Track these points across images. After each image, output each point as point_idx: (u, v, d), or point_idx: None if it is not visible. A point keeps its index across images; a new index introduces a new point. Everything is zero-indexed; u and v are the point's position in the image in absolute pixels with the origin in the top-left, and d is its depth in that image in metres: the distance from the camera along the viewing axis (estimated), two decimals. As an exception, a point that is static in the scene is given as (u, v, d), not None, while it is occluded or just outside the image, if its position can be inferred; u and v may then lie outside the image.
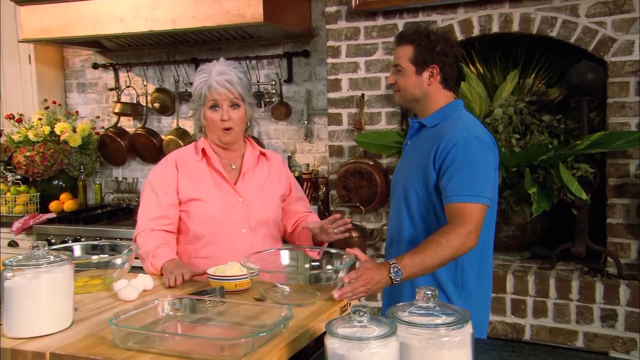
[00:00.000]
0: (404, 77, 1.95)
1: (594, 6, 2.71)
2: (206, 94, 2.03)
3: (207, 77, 2.02)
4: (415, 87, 1.94)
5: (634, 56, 2.67)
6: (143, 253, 2.00)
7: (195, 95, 2.08)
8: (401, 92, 1.98)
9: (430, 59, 1.91)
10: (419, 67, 1.92)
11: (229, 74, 2.02)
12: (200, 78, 2.04)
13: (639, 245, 2.74)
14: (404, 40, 1.94)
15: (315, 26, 3.68)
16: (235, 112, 2.05)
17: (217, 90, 2.01)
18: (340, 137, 3.26)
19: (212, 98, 2.02)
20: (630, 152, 2.70)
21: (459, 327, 1.25)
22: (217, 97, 2.02)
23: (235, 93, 2.03)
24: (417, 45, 1.91)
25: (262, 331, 1.31)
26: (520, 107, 2.86)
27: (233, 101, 2.04)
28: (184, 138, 4.01)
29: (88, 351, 1.35)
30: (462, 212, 1.77)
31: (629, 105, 2.70)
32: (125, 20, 3.54)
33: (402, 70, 1.94)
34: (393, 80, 1.99)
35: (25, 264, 1.46)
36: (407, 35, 1.95)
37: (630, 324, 2.61)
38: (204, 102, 2.04)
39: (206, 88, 2.02)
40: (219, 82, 2.01)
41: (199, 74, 2.06)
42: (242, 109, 2.06)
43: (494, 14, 2.89)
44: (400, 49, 1.95)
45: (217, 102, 2.02)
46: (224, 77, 2.01)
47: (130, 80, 4.20)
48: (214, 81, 2.01)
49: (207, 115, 2.06)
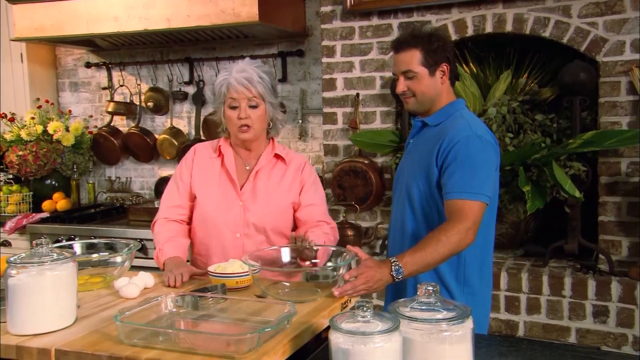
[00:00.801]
0: (417, 81, 1.94)
1: (586, 7, 2.75)
2: (225, 92, 2.03)
3: (228, 75, 2.02)
4: (431, 88, 1.96)
5: (624, 56, 2.71)
6: (155, 242, 2.06)
7: (216, 94, 2.08)
8: (417, 97, 1.97)
9: (440, 59, 1.93)
10: (432, 68, 1.93)
11: (249, 73, 2.01)
12: (221, 77, 2.04)
13: (629, 243, 2.78)
14: (408, 46, 1.92)
15: (309, 26, 3.69)
16: (254, 111, 2.03)
17: (235, 88, 2.00)
18: (335, 136, 3.28)
19: (230, 96, 2.02)
20: (622, 151, 2.74)
21: (460, 322, 1.27)
22: (235, 96, 2.01)
23: (254, 92, 2.01)
24: (424, 48, 1.91)
25: (267, 327, 1.32)
26: (514, 107, 2.89)
27: (252, 100, 2.02)
28: (178, 137, 4.01)
29: (93, 347, 1.36)
30: (461, 209, 1.79)
31: (620, 104, 2.74)
32: (120, 19, 3.53)
33: (415, 76, 1.93)
34: (405, 87, 1.96)
35: (29, 261, 1.47)
36: (409, 40, 1.94)
37: (621, 320, 2.65)
38: (224, 100, 2.04)
39: (225, 86, 2.02)
40: (238, 80, 2.00)
41: (221, 73, 2.07)
42: (261, 108, 2.04)
43: (487, 14, 2.92)
44: (406, 55, 1.93)
45: (236, 100, 2.01)
46: (243, 75, 2.00)
47: (124, 80, 4.19)
48: (233, 79, 2.01)
49: (226, 114, 2.06)
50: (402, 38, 1.98)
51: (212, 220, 2.07)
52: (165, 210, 2.12)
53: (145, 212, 3.72)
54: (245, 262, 1.69)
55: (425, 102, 1.98)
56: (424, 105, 1.99)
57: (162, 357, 1.30)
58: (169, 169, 4.15)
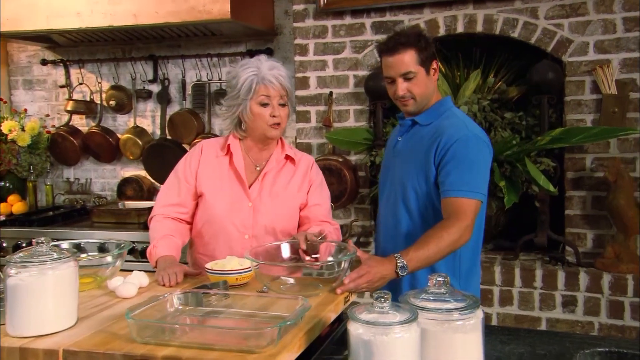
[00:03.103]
0: (417, 82, 1.93)
1: (552, 9, 2.87)
2: (257, 88, 1.94)
3: (257, 71, 1.95)
4: (429, 87, 1.97)
5: (588, 57, 2.84)
6: (150, 238, 2.01)
7: (240, 89, 1.96)
8: (416, 100, 1.96)
9: (431, 56, 1.95)
10: (427, 67, 1.94)
11: (280, 70, 1.97)
12: (248, 72, 1.96)
13: (594, 235, 2.91)
14: (404, 46, 1.90)
15: (278, 24, 3.68)
16: (283, 110, 1.99)
17: (273, 84, 1.94)
18: (308, 135, 3.29)
19: (263, 93, 1.95)
20: (587, 147, 2.87)
21: (472, 311, 1.31)
22: (271, 92, 1.95)
23: (286, 89, 1.98)
24: (418, 46, 1.91)
25: (287, 320, 1.32)
26: (484, 105, 2.98)
27: (282, 98, 1.98)
28: (142, 137, 3.92)
29: (105, 347, 1.32)
30: (460, 206, 1.83)
31: (585, 102, 2.87)
32: (82, 14, 3.43)
33: (414, 76, 1.92)
34: (405, 90, 1.94)
35: (29, 260, 1.41)
36: (403, 40, 1.92)
37: (588, 309, 2.77)
38: (253, 96, 1.96)
39: (258, 81, 1.94)
40: (275, 76, 1.95)
41: (243, 68, 1.98)
42: (287, 108, 2.01)
43: (459, 15, 3.00)
44: (404, 56, 1.91)
45: (269, 97, 1.95)
46: (276, 72, 1.96)
47: (83, 77, 4.06)
48: (269, 74, 1.94)
49: (254, 110, 1.97)
50: (394, 39, 1.95)
51: (220, 220, 2.01)
52: (163, 207, 2.06)
53: (109, 214, 3.62)
54: (248, 257, 1.67)
55: (423, 102, 1.98)
56: (422, 105, 1.99)
57: (179, 354, 1.27)
58: (132, 169, 4.05)
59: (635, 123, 2.78)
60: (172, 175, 2.13)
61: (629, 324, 2.71)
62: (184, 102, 3.88)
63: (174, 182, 2.10)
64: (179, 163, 2.14)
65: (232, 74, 2.05)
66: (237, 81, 1.99)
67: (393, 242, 2.02)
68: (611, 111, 2.80)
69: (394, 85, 1.97)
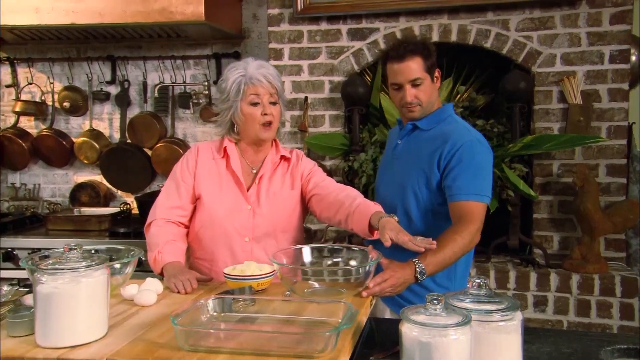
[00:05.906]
0: (424, 88, 1.98)
1: (522, 22, 3.00)
2: (245, 89, 1.93)
3: (244, 72, 1.93)
4: (433, 94, 2.02)
5: (556, 68, 2.99)
6: (152, 244, 1.92)
7: (229, 91, 1.95)
8: (423, 106, 2.00)
9: (434, 64, 2.00)
10: (431, 74, 2.00)
11: (268, 68, 1.96)
12: (236, 73, 1.95)
13: (560, 237, 3.06)
14: (412, 53, 1.95)
15: (245, 28, 3.64)
16: (274, 108, 1.97)
17: (261, 83, 1.93)
18: (283, 139, 3.26)
19: (253, 92, 1.93)
20: (554, 154, 3.02)
21: (514, 313, 1.34)
22: (260, 91, 1.93)
23: (275, 88, 1.96)
24: (424, 54, 1.96)
25: (343, 325, 1.30)
26: (458, 113, 3.06)
27: (273, 96, 1.96)
28: (99, 140, 3.75)
29: (152, 355, 1.26)
30: (469, 210, 1.88)
31: (552, 111, 3.02)
32: (41, 10, 3.25)
33: (422, 83, 1.96)
34: (413, 96, 1.98)
35: (62, 267, 1.31)
36: (412, 47, 1.96)
37: (557, 308, 2.90)
38: (242, 97, 1.94)
39: (246, 81, 1.93)
40: (262, 74, 1.93)
41: (232, 71, 1.97)
42: (279, 106, 1.99)
43: (434, 24, 3.07)
44: (412, 62, 1.95)
45: (259, 96, 1.93)
46: (264, 70, 1.94)
47: (32, 77, 3.84)
48: (256, 73, 1.93)
49: (245, 111, 1.95)
50: (402, 47, 1.98)
51: (220, 224, 1.97)
52: (164, 211, 1.99)
53: (66, 221, 3.44)
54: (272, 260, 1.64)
55: (428, 108, 2.03)
56: (426, 112, 2.04)
57: (235, 361, 1.23)
58: (87, 174, 3.87)
59: (599, 131, 2.96)
60: (169, 180, 2.07)
61: (595, 322, 2.86)
62: (145, 104, 3.74)
63: (172, 186, 2.04)
64: (175, 166, 2.09)
65: (221, 78, 2.04)
66: (226, 84, 1.98)
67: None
68: (577, 120, 2.96)
69: (401, 92, 2.00)
